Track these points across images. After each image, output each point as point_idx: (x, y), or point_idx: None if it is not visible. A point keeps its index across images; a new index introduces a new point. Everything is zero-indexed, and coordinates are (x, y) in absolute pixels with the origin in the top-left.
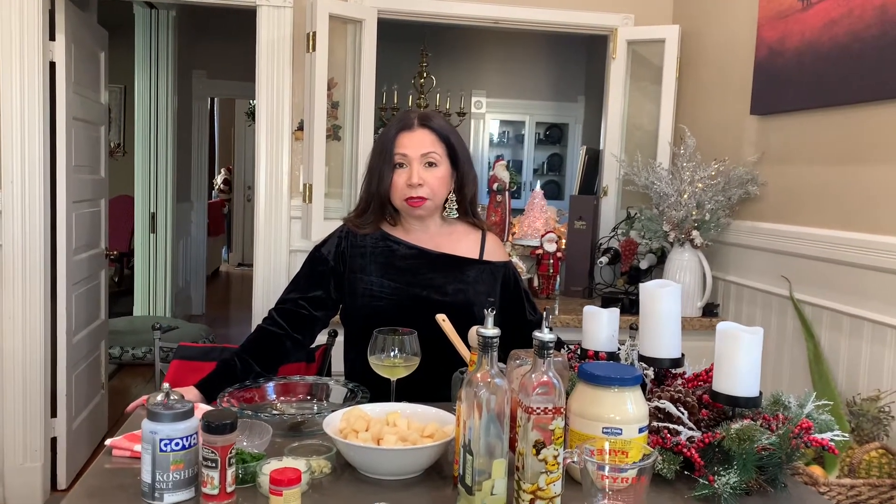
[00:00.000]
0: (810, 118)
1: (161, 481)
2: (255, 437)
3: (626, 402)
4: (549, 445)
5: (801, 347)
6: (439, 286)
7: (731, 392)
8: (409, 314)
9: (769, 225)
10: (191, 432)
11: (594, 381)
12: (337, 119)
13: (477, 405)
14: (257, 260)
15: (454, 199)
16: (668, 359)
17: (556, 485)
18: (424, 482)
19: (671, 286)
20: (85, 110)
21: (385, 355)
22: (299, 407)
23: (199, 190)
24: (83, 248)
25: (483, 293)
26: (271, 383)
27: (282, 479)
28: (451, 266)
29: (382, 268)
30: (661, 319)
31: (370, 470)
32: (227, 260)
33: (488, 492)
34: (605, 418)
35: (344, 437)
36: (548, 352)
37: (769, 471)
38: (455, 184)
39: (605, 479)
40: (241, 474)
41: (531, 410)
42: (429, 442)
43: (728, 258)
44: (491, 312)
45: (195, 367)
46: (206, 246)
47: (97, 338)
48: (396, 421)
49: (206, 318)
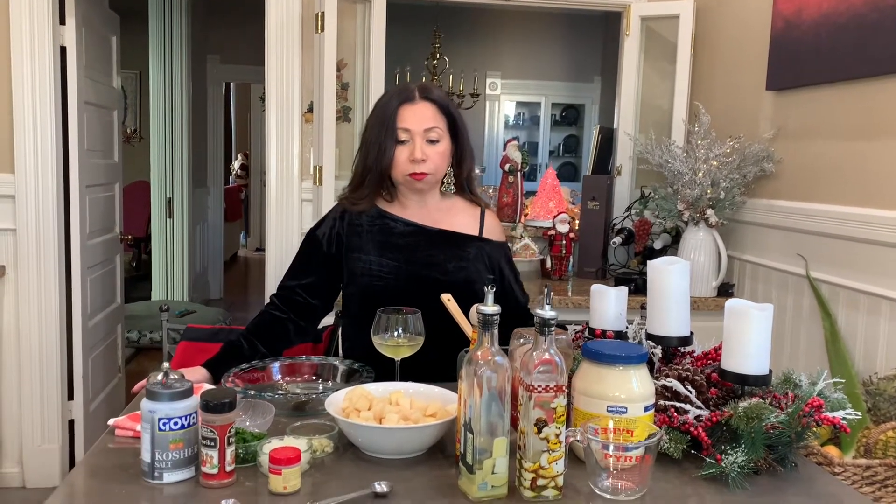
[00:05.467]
0: (828, 92)
1: (160, 460)
2: (258, 417)
3: (632, 381)
4: (550, 424)
5: (817, 327)
6: (439, 264)
7: (740, 370)
8: (410, 293)
9: (785, 203)
10: (190, 411)
11: (598, 360)
12: (347, 100)
13: (477, 383)
14: (269, 243)
15: (452, 173)
16: (677, 337)
17: (559, 463)
18: (427, 461)
19: (679, 263)
20: (97, 94)
21: (389, 335)
22: (305, 387)
23: (215, 175)
24: (98, 233)
25: (483, 271)
26: (277, 363)
27: (281, 458)
28: (451, 243)
29: (380, 246)
30: (669, 297)
31: (372, 449)
32: (244, 245)
33: (489, 470)
34: (609, 396)
35: (346, 416)
36: (549, 329)
37: (778, 450)
38: (454, 158)
39: (609, 458)
40: (241, 453)
41: (532, 388)
42: (431, 421)
43: (743, 237)
44: (491, 289)
45: (203, 348)
46: (223, 231)
47: (113, 321)
48: (399, 400)
49: (224, 302)
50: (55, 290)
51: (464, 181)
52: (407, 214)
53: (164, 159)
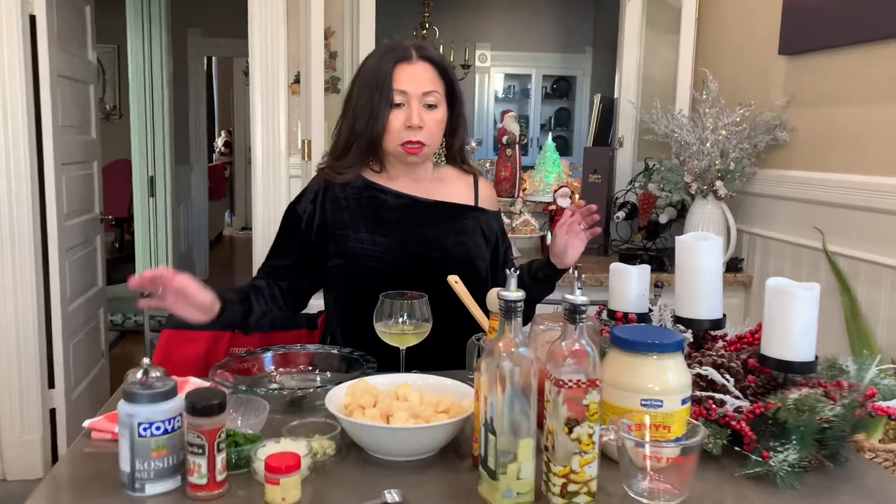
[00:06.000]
0: (845, 56)
1: (141, 470)
2: (251, 416)
3: (667, 371)
4: (582, 422)
5: (835, 303)
6: (436, 239)
7: (782, 356)
8: (407, 273)
9: (799, 173)
10: (174, 414)
11: (630, 348)
12: (335, 70)
13: (499, 378)
14: (256, 222)
15: (443, 143)
16: (708, 320)
17: (592, 466)
18: (440, 462)
19: (711, 239)
20: (71, 67)
21: (393, 322)
22: (301, 379)
23: (198, 153)
24: (76, 213)
25: (482, 244)
26: (269, 353)
27: (279, 467)
28: (447, 216)
29: (371, 222)
30: (700, 276)
31: (379, 451)
32: (230, 224)
33: (514, 476)
34: (643, 389)
35: (349, 413)
36: (580, 317)
37: (829, 445)
38: (448, 127)
39: (647, 459)
40: (233, 459)
41: (562, 383)
42: (444, 419)
43: (754, 210)
44: (514, 273)
45: (188, 336)
46: (207, 210)
47: (95, 305)
48: (407, 395)
49: (211, 282)
50: (31, 273)
51: (455, 153)
52: (397, 185)
53: (145, 137)
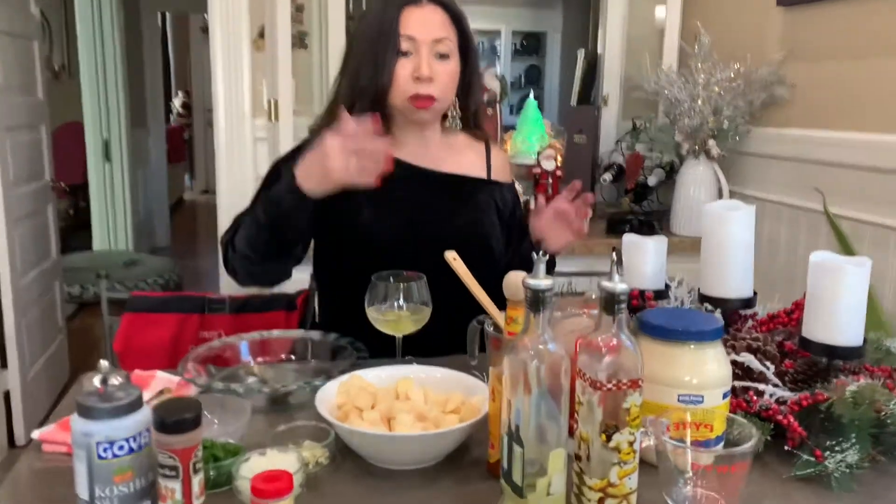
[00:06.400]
0: (846, 7)
1: (103, 497)
2: (229, 419)
3: (707, 362)
4: (623, 429)
5: None
6: (447, 218)
7: (828, 340)
8: (411, 255)
9: (797, 131)
10: (140, 429)
11: (663, 336)
12: (303, 24)
13: (525, 379)
14: (220, 188)
15: (457, 104)
16: (739, 299)
17: (632, 478)
18: (448, 470)
19: (743, 208)
20: (10, 22)
21: (387, 306)
22: (281, 370)
23: (155, 115)
24: (24, 180)
25: (497, 223)
26: (245, 341)
27: (267, 490)
28: (459, 191)
29: (375, 197)
30: (730, 250)
31: (381, 460)
32: (190, 187)
33: (544, 491)
34: (680, 383)
35: (344, 416)
36: (619, 307)
37: (887, 441)
38: (461, 83)
39: (695, 467)
40: (212, 475)
41: (599, 385)
42: (454, 421)
43: (748, 170)
44: (543, 257)
45: (152, 319)
46: (166, 174)
47: (50, 277)
48: (409, 392)
49: (172, 250)
50: None
51: (470, 116)
52: (404, 154)
53: (98, 98)
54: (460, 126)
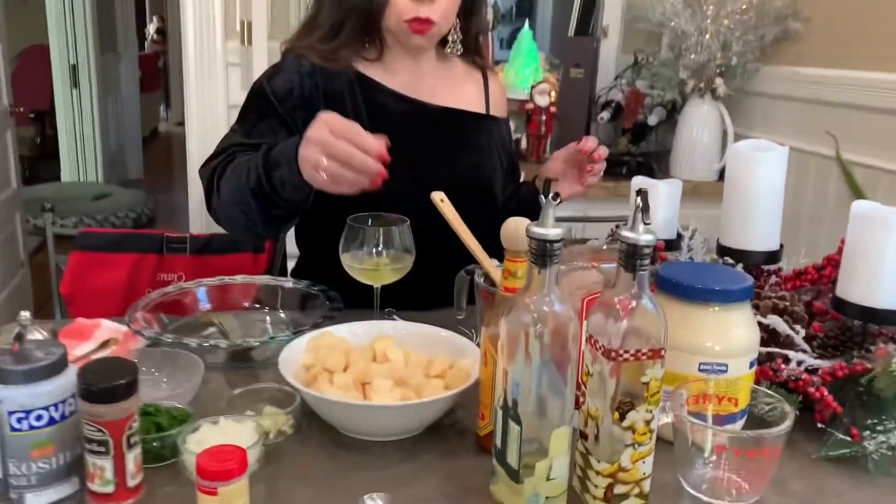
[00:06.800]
0: None
1: (18, 475)
2: (180, 378)
3: (733, 325)
4: (639, 406)
5: (845, 217)
6: (446, 161)
7: (866, 302)
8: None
9: (811, 70)
10: (63, 396)
11: (684, 296)
12: None
13: (526, 345)
14: (190, 117)
15: (458, 26)
16: (763, 252)
17: (647, 462)
18: (432, 442)
19: (775, 149)
20: None
21: (365, 253)
22: (245, 320)
23: (126, 40)
24: None
25: (499, 166)
26: (203, 287)
27: (216, 470)
28: (459, 128)
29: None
30: (756, 197)
31: (354, 430)
32: (166, 118)
33: (543, 476)
34: (702, 349)
35: (312, 380)
36: (642, 262)
37: None
38: (463, 6)
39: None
40: (155, 448)
41: (614, 354)
42: (439, 388)
43: (755, 111)
44: (553, 202)
45: (102, 259)
46: (139, 103)
47: (10, 209)
48: (388, 352)
49: (145, 182)
50: None
51: (471, 40)
52: (396, 83)
53: (64, 19)
54: (461, 51)
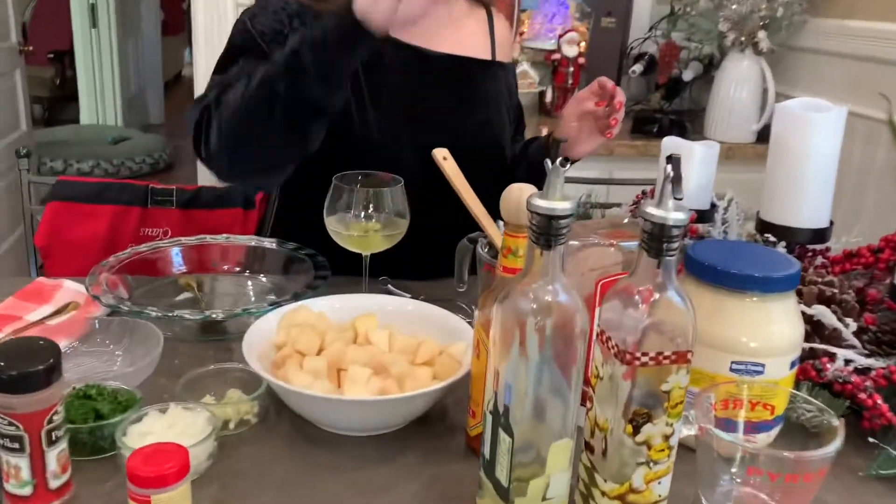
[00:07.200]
0: None
1: None
2: (137, 353)
3: (774, 319)
4: (657, 419)
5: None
6: (449, 114)
7: None
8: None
9: (863, 23)
10: None
11: (716, 281)
12: None
13: (522, 340)
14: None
15: None
16: (810, 229)
17: (663, 483)
18: (415, 439)
19: (831, 109)
20: None
21: (352, 217)
22: (223, 285)
23: None
24: None
25: (507, 120)
26: (178, 247)
27: (149, 476)
28: (463, 79)
29: (361, 87)
30: (807, 165)
31: (326, 424)
32: (190, 62)
33: (539, 495)
34: (735, 346)
35: (282, 362)
36: (670, 245)
37: None
38: None
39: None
40: (89, 441)
41: (630, 356)
42: (426, 379)
43: (799, 68)
44: (562, 168)
45: (81, 210)
46: (161, 45)
47: None
48: (370, 334)
49: (166, 128)
50: None
51: None
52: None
53: None
54: None
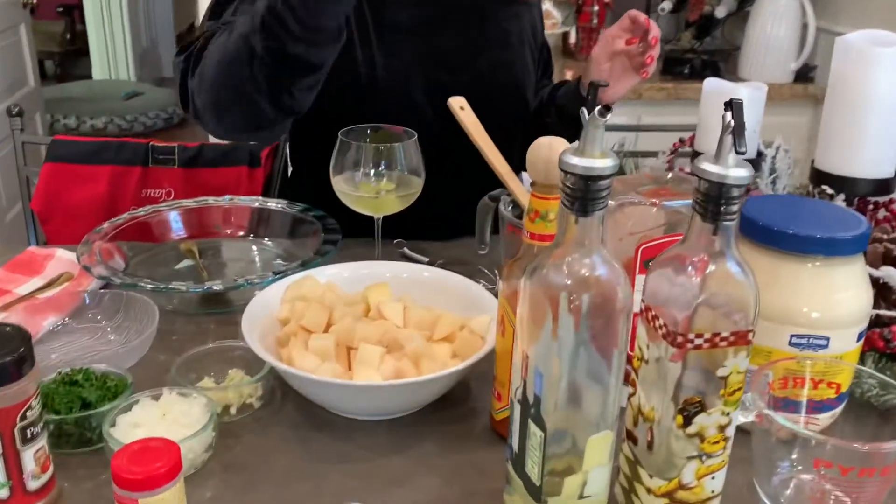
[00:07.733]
0: None
1: None
2: (131, 330)
3: (839, 287)
4: (712, 408)
5: None
6: (466, 57)
7: None
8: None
9: None
10: None
11: (771, 242)
12: None
13: (554, 320)
14: None
15: None
16: (872, 179)
17: (717, 477)
18: (434, 423)
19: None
20: None
21: (361, 176)
22: (228, 251)
23: None
24: None
25: (531, 63)
26: (176, 210)
27: (135, 478)
28: (480, 16)
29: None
30: (870, 107)
31: (334, 409)
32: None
33: (574, 493)
34: (796, 317)
35: (286, 339)
36: (728, 210)
37: None
38: None
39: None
40: (75, 433)
41: (681, 338)
42: (445, 357)
43: (841, 2)
44: (602, 118)
45: (78, 172)
46: None
47: (29, 108)
48: (383, 308)
49: None
50: None
51: None
52: None
53: None
54: None
